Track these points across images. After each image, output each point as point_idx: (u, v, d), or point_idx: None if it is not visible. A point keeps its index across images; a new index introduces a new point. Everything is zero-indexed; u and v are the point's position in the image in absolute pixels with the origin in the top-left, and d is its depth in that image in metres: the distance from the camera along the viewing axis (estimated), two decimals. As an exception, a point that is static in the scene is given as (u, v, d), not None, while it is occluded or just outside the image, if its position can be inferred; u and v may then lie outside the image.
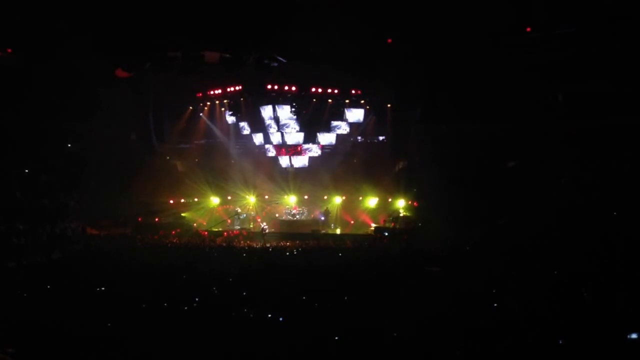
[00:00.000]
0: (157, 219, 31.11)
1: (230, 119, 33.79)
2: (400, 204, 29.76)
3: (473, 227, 22.67)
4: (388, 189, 30.24)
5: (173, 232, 28.64)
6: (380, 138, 33.74)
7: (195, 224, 30.87)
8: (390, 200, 30.55)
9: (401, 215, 29.26)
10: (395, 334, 9.22)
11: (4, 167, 25.16)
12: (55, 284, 13.67)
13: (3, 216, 23.05)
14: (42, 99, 25.63)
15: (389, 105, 31.53)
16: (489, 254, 18.12)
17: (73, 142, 30.99)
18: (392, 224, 28.81)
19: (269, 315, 10.56)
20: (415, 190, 28.29)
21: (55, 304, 11.10)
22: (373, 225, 30.03)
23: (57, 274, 15.62)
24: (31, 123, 26.28)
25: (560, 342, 8.01)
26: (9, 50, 26.25)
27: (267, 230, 28.91)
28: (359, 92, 31.85)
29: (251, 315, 10.97)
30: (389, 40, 25.60)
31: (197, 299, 11.66)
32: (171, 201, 32.46)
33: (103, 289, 12.11)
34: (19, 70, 25.15)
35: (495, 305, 10.80)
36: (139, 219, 30.55)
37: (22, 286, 13.77)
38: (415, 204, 28.60)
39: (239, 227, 31.71)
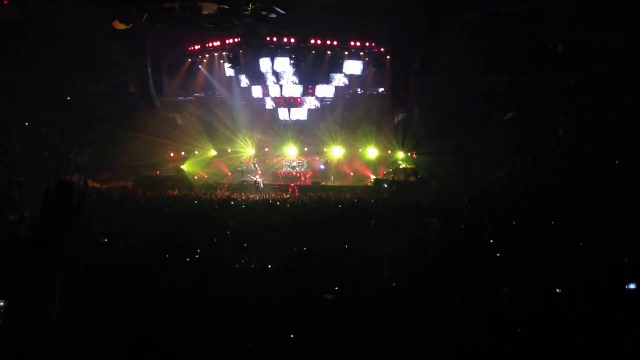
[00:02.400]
0: (157, 172, 31.29)
1: (229, 71, 33.48)
2: (400, 156, 29.77)
3: (472, 179, 22.75)
4: (388, 141, 30.18)
5: (169, 184, 28.97)
6: (380, 90, 33.48)
7: (196, 177, 30.95)
8: (390, 152, 30.56)
9: (401, 167, 29.32)
10: (394, 284, 9.41)
11: (3, 121, 25.17)
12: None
13: (3, 169, 23.18)
14: (40, 51, 25.50)
15: (388, 57, 31.16)
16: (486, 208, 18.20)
17: (72, 95, 30.96)
18: (392, 177, 28.87)
19: (269, 267, 10.75)
20: (414, 142, 28.27)
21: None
22: (373, 177, 30.12)
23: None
24: (29, 76, 26.20)
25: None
26: (5, 2, 26.02)
27: (261, 185, 29.02)
28: (359, 43, 31.46)
29: (252, 267, 11.31)
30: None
31: (198, 251, 11.78)
32: (172, 154, 32.58)
33: (106, 240, 12.20)
34: (15, 22, 24.97)
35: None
36: (140, 173, 30.64)
37: (24, 239, 13.50)
38: (414, 155, 28.65)
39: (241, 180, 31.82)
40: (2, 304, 8.25)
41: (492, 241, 12.75)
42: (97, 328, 6.23)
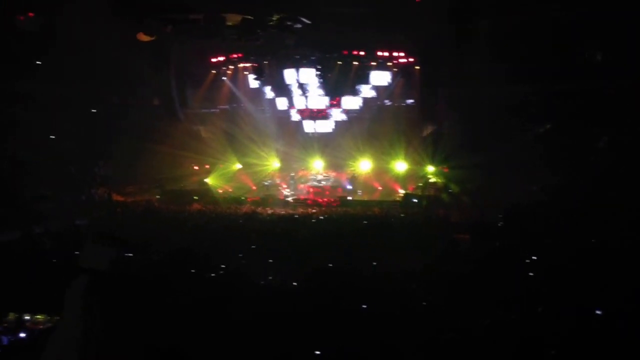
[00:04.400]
0: (181, 186, 30.90)
1: (254, 83, 33.01)
2: (429, 170, 28.92)
3: (505, 194, 21.87)
4: (417, 154, 29.38)
5: (193, 198, 28.51)
6: (408, 101, 32.67)
7: (220, 191, 30.48)
8: (419, 165, 29.67)
9: (430, 181, 28.48)
10: (424, 302, 9.14)
11: (28, 134, 25.02)
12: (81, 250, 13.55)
13: (29, 182, 23.01)
14: (63, 64, 25.32)
15: (416, 68, 30.46)
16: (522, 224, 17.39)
17: (96, 108, 30.81)
18: (421, 191, 28.04)
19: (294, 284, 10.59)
20: (444, 155, 27.43)
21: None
22: (401, 191, 29.29)
23: (83, 240, 15.41)
24: (53, 88, 26.06)
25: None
26: (31, 15, 25.94)
27: (290, 198, 28.47)
28: (386, 53, 30.76)
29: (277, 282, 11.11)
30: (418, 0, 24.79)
31: (222, 266, 11.72)
32: (195, 167, 32.21)
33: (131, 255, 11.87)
34: (40, 34, 24.86)
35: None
36: (164, 186, 30.36)
37: (49, 252, 13.96)
38: (445, 169, 27.81)
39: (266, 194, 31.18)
40: (27, 317, 8.05)
41: (526, 260, 12.16)
42: (123, 343, 5.93)
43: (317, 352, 6.81)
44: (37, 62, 23.68)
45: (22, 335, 8.28)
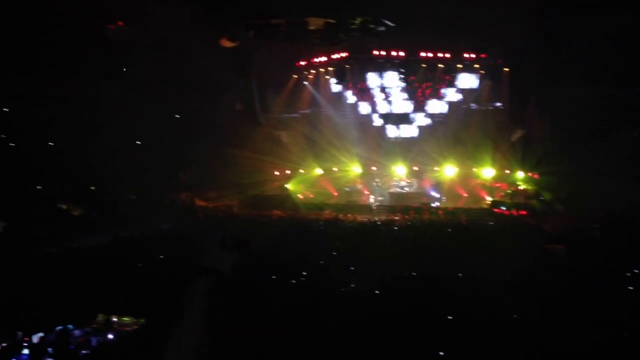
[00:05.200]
0: (262, 191, 30.90)
1: (336, 87, 32.74)
2: (519, 176, 27.67)
3: (602, 202, 20.53)
4: (505, 160, 28.26)
5: (274, 203, 28.54)
6: (496, 105, 31.52)
7: (301, 196, 30.29)
8: (507, 172, 28.59)
9: (520, 188, 27.25)
10: (515, 315, 8.77)
11: (114, 139, 25.65)
12: (167, 253, 14.18)
13: (115, 187, 23.53)
14: (149, 70, 25.85)
15: (505, 70, 29.36)
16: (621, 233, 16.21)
17: (180, 113, 31.35)
18: (510, 198, 26.91)
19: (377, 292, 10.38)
20: (535, 160, 26.18)
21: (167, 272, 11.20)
22: (488, 198, 28.17)
23: (167, 244, 16.05)
24: (139, 95, 26.64)
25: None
26: (120, 23, 26.65)
27: (375, 204, 27.93)
28: (473, 55, 29.75)
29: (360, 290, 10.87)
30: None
31: (304, 273, 11.75)
32: (276, 172, 32.25)
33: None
34: (126, 43, 25.48)
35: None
36: (245, 191, 30.39)
37: (136, 255, 14.34)
38: (535, 176, 26.53)
39: (348, 200, 30.88)
40: (114, 319, 8.73)
41: (627, 272, 11.49)
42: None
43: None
44: (124, 69, 24.21)
45: (110, 336, 8.43)
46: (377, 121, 33.45)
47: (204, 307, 1.71)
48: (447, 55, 30.05)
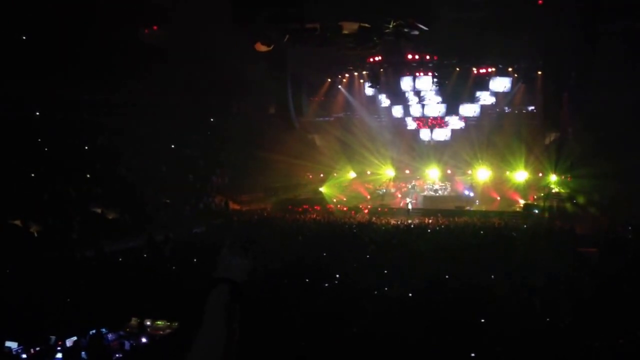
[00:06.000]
0: (296, 194, 31.02)
1: (369, 91, 32.89)
2: (552, 179, 27.47)
3: (637, 205, 20.35)
4: (538, 163, 28.07)
5: (307, 207, 28.51)
6: (530, 108, 31.42)
7: (334, 200, 30.44)
8: (540, 175, 28.36)
9: (553, 191, 27.04)
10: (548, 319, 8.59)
11: (150, 143, 26.10)
12: (199, 257, 14.03)
13: (150, 191, 23.89)
14: (184, 75, 26.31)
15: (539, 73, 29.18)
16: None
17: (214, 117, 31.75)
18: (543, 201, 26.67)
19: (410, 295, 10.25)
20: (569, 163, 25.96)
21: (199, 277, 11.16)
22: (522, 201, 28.01)
23: (200, 248, 15.78)
24: (174, 99, 27.09)
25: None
26: (155, 28, 27.21)
27: (411, 207, 27.96)
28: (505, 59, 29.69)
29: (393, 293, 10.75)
30: (540, 2, 23.72)
31: (337, 275, 11.63)
32: (310, 176, 32.37)
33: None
34: (159, 47, 26.00)
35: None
36: (279, 195, 30.49)
37: (169, 259, 14.51)
38: (569, 179, 26.32)
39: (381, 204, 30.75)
40: (148, 322, 8.26)
41: None
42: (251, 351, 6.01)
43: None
44: (158, 74, 24.63)
45: (144, 340, 8.42)
46: (411, 124, 33.53)
47: (221, 321, 1.83)
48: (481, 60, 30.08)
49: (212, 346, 2.16)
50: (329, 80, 33.41)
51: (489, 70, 30.59)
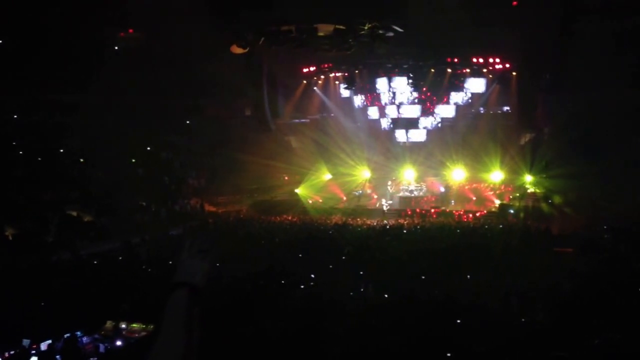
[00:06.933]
0: (272, 196, 31.01)
1: (345, 92, 32.84)
2: (528, 180, 27.63)
3: (612, 205, 20.51)
4: (514, 163, 28.22)
5: (283, 208, 28.55)
6: (505, 109, 31.58)
7: (310, 201, 30.32)
8: (516, 175, 28.54)
9: (528, 191, 27.19)
10: (524, 319, 8.65)
11: (126, 145, 25.80)
12: (176, 259, 13.63)
13: (126, 193, 23.65)
14: (160, 77, 26.02)
15: (514, 74, 29.44)
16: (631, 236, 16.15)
17: (190, 120, 31.50)
18: (519, 201, 26.82)
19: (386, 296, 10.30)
20: (544, 163, 26.12)
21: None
22: (497, 201, 28.13)
23: (177, 250, 15.55)
24: (150, 100, 26.81)
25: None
26: (131, 31, 26.88)
27: (385, 208, 27.96)
28: (481, 59, 29.79)
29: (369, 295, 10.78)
30: (515, 2, 23.86)
31: (313, 276, 11.74)
32: (286, 177, 32.30)
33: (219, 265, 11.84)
34: (138, 49, 25.72)
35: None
36: (255, 196, 30.62)
37: (145, 261, 14.37)
38: (544, 179, 26.50)
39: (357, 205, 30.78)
40: (123, 325, 8.69)
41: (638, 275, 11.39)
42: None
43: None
44: (135, 76, 24.38)
45: (119, 343, 8.35)
46: (385, 125, 33.55)
47: (180, 325, 1.72)
48: (455, 60, 30.19)
49: (170, 350, 2.15)
50: (304, 82, 33.23)
51: (465, 71, 30.64)
